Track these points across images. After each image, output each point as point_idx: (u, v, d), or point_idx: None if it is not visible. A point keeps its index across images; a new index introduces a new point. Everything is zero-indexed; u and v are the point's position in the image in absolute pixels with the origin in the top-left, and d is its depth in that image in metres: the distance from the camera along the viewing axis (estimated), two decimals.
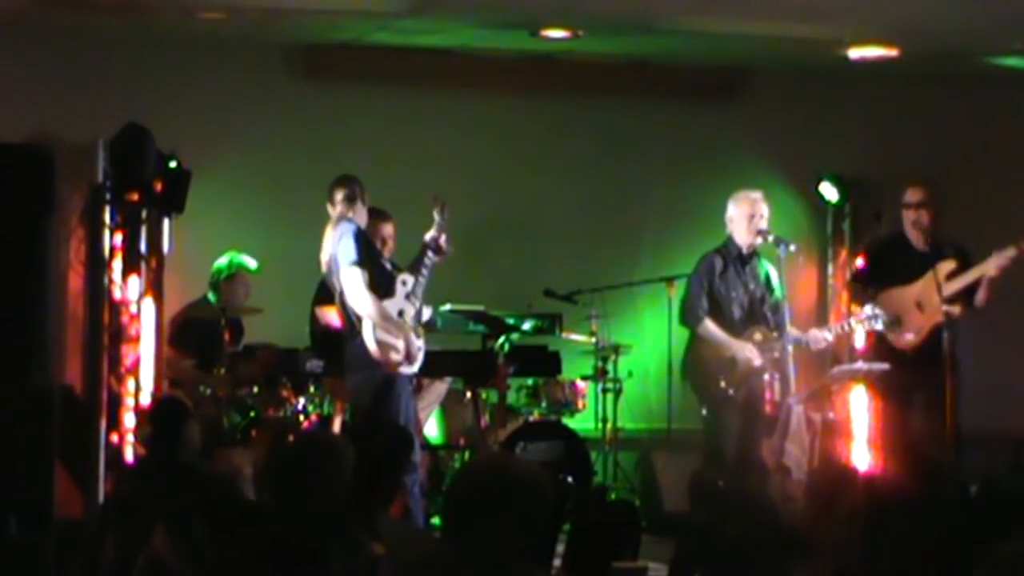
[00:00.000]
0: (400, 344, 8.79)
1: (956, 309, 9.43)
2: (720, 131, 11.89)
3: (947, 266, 9.50)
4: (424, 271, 8.95)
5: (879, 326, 9.95)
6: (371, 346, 8.76)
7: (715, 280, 9.42)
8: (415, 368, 8.93)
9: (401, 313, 8.86)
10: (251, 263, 10.38)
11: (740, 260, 9.44)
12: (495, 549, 3.99)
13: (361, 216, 8.98)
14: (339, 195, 8.96)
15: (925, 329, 9.51)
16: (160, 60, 10.86)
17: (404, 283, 8.91)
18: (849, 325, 10.36)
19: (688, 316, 9.54)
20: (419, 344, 8.92)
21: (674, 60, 11.60)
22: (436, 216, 9.08)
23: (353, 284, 8.78)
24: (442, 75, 11.43)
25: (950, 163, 11.56)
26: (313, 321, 9.97)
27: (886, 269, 9.80)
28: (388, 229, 9.42)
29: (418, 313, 8.94)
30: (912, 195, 9.78)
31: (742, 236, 9.42)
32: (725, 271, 9.43)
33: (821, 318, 11.59)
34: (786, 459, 9.81)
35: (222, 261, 10.38)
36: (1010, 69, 11.41)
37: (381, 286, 8.87)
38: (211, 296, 10.40)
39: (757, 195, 9.47)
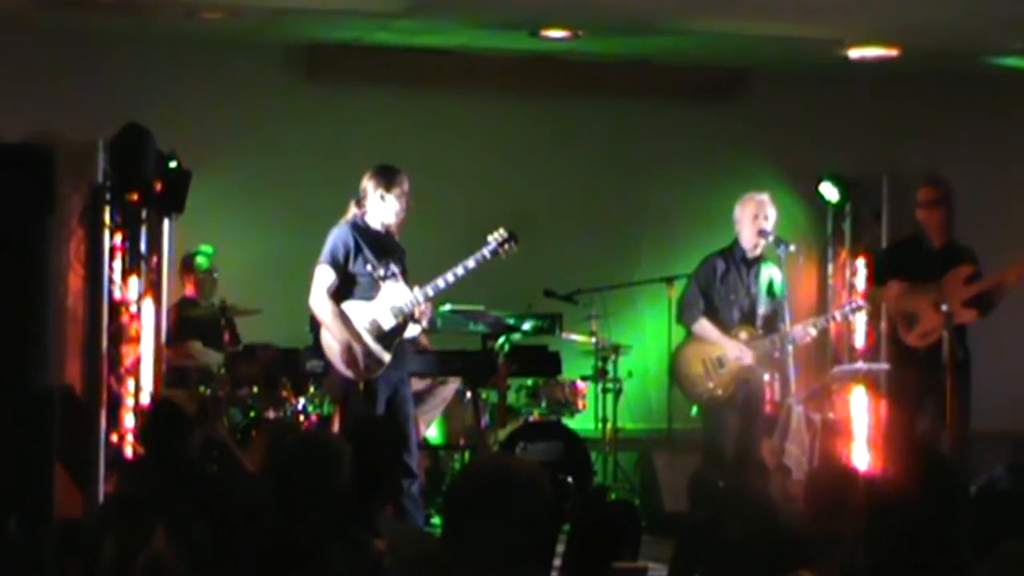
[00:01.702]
0: (341, 351, 8.58)
1: (972, 313, 9.39)
2: (720, 131, 11.89)
3: (965, 270, 9.45)
4: (433, 287, 8.69)
5: (864, 315, 9.95)
6: (323, 346, 8.73)
7: (715, 282, 9.42)
8: (365, 375, 8.63)
9: (373, 321, 8.65)
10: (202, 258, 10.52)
11: (744, 263, 9.43)
12: (495, 549, 3.99)
13: (376, 213, 8.71)
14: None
15: (940, 329, 9.46)
16: (160, 60, 10.87)
17: (394, 291, 8.67)
18: (834, 317, 10.38)
19: (684, 315, 9.57)
20: (381, 356, 8.64)
21: (674, 60, 11.60)
22: (491, 242, 8.83)
23: (314, 282, 8.68)
24: (442, 75, 11.43)
25: (950, 163, 11.55)
26: (314, 321, 9.95)
27: (901, 268, 9.76)
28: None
29: (398, 327, 8.68)
30: (925, 193, 9.73)
31: (747, 238, 9.41)
32: (727, 273, 9.42)
33: None
34: (786, 459, 9.81)
35: (202, 259, 10.50)
36: (1010, 69, 11.41)
37: (354, 288, 8.67)
38: (188, 291, 10.49)
39: (763, 196, 9.46)
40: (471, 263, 8.74)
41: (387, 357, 8.64)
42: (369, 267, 8.66)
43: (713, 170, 11.62)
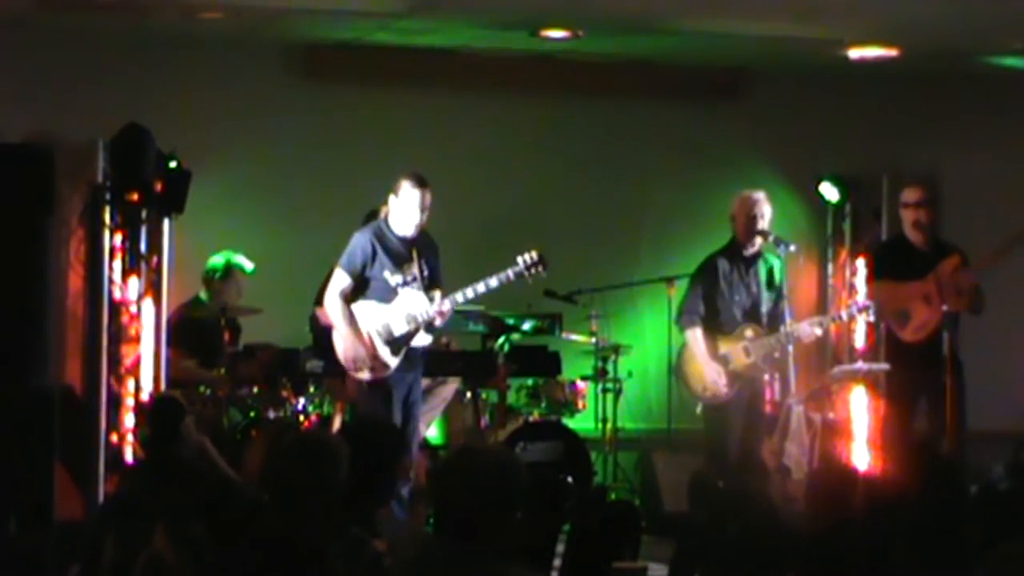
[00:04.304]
0: (345, 350, 8.71)
1: (964, 302, 9.37)
2: (720, 131, 11.89)
3: (952, 260, 9.45)
4: (450, 300, 8.76)
5: (871, 317, 9.94)
6: (334, 345, 8.84)
7: (719, 282, 9.40)
8: (368, 376, 8.74)
9: (385, 325, 8.74)
10: (247, 264, 10.37)
11: (743, 262, 9.43)
12: (476, 530, 4.07)
13: (392, 215, 8.76)
14: None
15: (934, 321, 9.45)
16: (160, 60, 10.86)
17: (411, 298, 8.75)
18: (841, 317, 10.38)
19: (682, 318, 9.55)
20: (388, 361, 8.73)
21: (674, 60, 11.59)
22: (519, 263, 8.87)
23: (330, 284, 8.81)
24: (442, 75, 11.43)
25: (949, 163, 11.56)
26: (313, 321, 9.97)
27: (889, 271, 9.75)
28: None
29: (409, 334, 8.76)
30: (910, 194, 9.75)
31: (744, 236, 9.41)
32: (730, 273, 9.41)
33: None
34: (786, 459, 9.81)
35: (218, 260, 10.37)
36: (1010, 69, 11.41)
37: (371, 291, 8.78)
38: (203, 294, 10.41)
39: (759, 195, 9.46)
40: (493, 282, 8.83)
41: (393, 362, 8.71)
42: (386, 273, 8.77)
43: (713, 170, 11.61)
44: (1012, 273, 9.85)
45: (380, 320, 8.73)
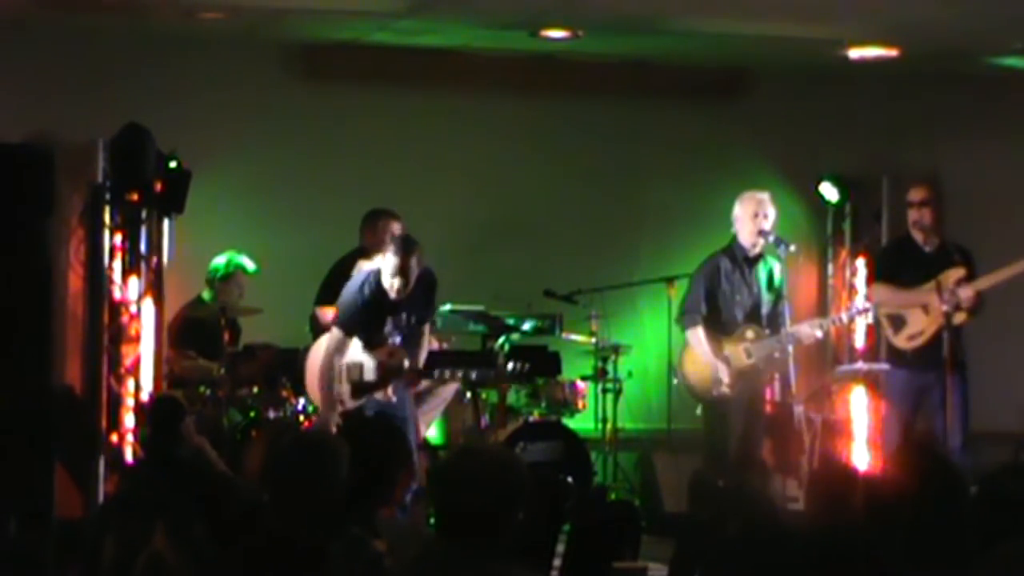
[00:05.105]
0: (315, 380, 8.90)
1: (962, 317, 9.35)
2: (720, 131, 11.89)
3: (956, 272, 9.41)
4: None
5: (870, 319, 9.94)
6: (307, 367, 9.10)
7: (721, 281, 9.39)
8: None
9: (359, 365, 8.86)
10: (249, 264, 10.38)
11: (745, 262, 9.42)
12: (476, 530, 4.08)
13: (384, 275, 8.81)
14: None
15: (930, 331, 9.44)
16: (160, 60, 10.87)
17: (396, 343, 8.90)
18: (840, 319, 10.38)
19: (683, 317, 9.54)
20: (345, 399, 8.85)
21: (674, 60, 11.60)
22: (508, 368, 9.26)
23: (325, 337, 8.96)
24: (442, 75, 11.43)
25: (949, 163, 11.56)
26: (313, 321, 9.97)
27: (891, 270, 9.74)
28: (396, 228, 9.45)
29: (377, 383, 8.85)
30: (914, 194, 9.72)
31: (746, 236, 9.40)
32: (732, 273, 9.40)
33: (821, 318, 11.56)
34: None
35: (220, 260, 10.38)
36: (1010, 69, 11.41)
37: (369, 337, 8.89)
38: (205, 294, 10.42)
39: (763, 196, 9.45)
40: (474, 374, 9.16)
41: (349, 404, 8.85)
42: (372, 327, 8.82)
43: (713, 170, 11.61)
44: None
45: (354, 359, 8.83)
